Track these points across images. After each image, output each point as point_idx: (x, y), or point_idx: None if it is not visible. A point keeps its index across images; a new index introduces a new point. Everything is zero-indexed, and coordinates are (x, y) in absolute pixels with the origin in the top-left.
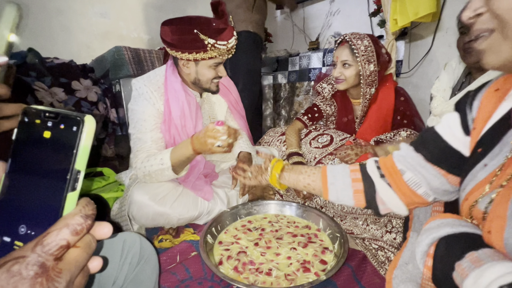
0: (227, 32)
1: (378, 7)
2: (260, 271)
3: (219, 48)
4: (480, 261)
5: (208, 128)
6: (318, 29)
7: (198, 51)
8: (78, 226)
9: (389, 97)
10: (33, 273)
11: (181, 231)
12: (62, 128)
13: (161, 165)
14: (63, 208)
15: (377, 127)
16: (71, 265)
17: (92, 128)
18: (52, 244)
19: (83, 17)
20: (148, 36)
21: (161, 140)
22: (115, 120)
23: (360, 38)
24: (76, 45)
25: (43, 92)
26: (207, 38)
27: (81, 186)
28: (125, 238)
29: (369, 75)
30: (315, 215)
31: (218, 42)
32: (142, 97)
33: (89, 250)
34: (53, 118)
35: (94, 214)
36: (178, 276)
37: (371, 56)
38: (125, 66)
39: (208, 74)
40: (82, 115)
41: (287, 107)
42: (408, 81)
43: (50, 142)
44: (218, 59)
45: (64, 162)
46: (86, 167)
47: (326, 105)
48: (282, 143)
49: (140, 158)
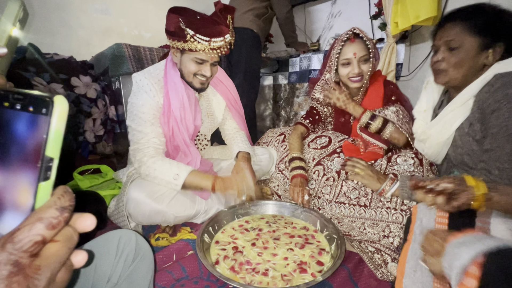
0: (214, 29)
1: (379, 10)
2: (256, 271)
3: (200, 42)
4: None
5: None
6: (319, 30)
7: (179, 39)
8: (54, 220)
9: (378, 89)
10: (6, 272)
11: (178, 230)
12: (31, 110)
13: (174, 180)
14: (35, 200)
15: None
16: (50, 261)
17: (64, 110)
18: (24, 241)
19: (83, 13)
20: (149, 33)
21: (162, 135)
22: (114, 118)
23: (362, 32)
24: (76, 41)
25: (42, 88)
26: (186, 28)
27: (55, 175)
28: (121, 235)
29: (374, 69)
30: (312, 216)
31: (197, 35)
32: (142, 90)
33: (70, 244)
34: (21, 100)
35: (72, 205)
36: (174, 275)
37: (376, 49)
38: (125, 63)
39: (189, 66)
40: (52, 95)
41: (287, 108)
42: (407, 84)
43: (19, 126)
44: (201, 55)
45: (34, 149)
46: (85, 163)
47: (323, 107)
48: (280, 143)
49: (148, 155)
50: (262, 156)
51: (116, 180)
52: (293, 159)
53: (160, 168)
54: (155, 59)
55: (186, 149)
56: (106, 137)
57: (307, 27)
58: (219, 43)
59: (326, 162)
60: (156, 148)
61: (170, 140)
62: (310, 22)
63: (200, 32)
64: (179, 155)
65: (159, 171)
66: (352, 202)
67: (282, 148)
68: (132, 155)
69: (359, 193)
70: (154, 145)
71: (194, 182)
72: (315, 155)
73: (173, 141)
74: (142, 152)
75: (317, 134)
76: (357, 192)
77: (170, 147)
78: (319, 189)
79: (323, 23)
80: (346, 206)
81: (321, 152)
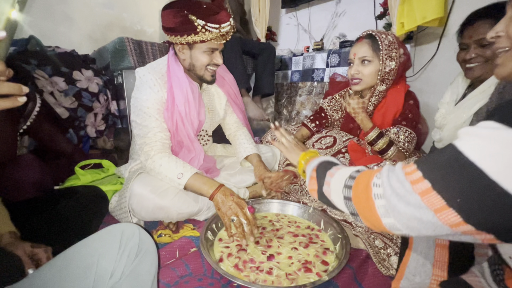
0: (220, 15)
1: (384, 10)
2: (261, 269)
3: (211, 31)
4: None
5: (241, 203)
6: (323, 29)
7: (189, 33)
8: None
9: (398, 100)
10: None
11: (180, 227)
12: None
13: (178, 178)
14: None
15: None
16: None
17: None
18: None
19: (86, 7)
20: (151, 29)
21: (167, 130)
22: (116, 113)
23: (385, 33)
24: (78, 35)
25: (44, 81)
26: (197, 19)
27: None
28: (123, 230)
29: (388, 72)
30: (316, 215)
31: (208, 24)
32: (146, 85)
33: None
34: None
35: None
36: (177, 271)
37: (395, 52)
38: (127, 57)
39: (202, 59)
40: None
41: (289, 107)
42: (412, 85)
43: None
44: (212, 44)
45: None
46: (86, 158)
47: (333, 111)
48: None
49: (155, 149)
50: (266, 154)
51: (117, 176)
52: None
53: (166, 164)
54: (157, 54)
55: (190, 144)
56: (108, 132)
57: (311, 26)
58: (227, 28)
59: None
60: (163, 143)
61: (174, 135)
62: (314, 21)
63: (210, 21)
64: (183, 151)
65: (164, 168)
66: None
67: None
68: (139, 149)
69: None
70: (161, 139)
71: (195, 187)
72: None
73: (177, 136)
74: (149, 146)
75: (322, 135)
76: None
77: (173, 142)
78: None
79: (327, 22)
80: None
81: (326, 152)
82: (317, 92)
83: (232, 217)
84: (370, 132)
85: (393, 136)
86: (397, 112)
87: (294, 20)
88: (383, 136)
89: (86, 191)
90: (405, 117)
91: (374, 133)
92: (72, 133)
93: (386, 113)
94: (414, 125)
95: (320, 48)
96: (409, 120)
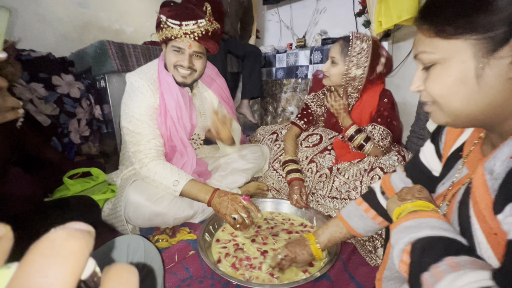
0: (185, 12)
1: (363, 7)
2: (253, 266)
3: (172, 27)
4: (459, 267)
5: (235, 198)
6: (305, 26)
7: (158, 29)
8: None
9: (373, 99)
10: None
11: (177, 231)
12: None
13: (173, 186)
14: None
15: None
16: None
17: None
18: None
19: (60, 7)
20: (131, 28)
21: (160, 136)
22: (100, 117)
23: (360, 39)
24: (53, 36)
25: (21, 87)
26: (160, 14)
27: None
28: (129, 243)
29: (353, 78)
30: (309, 213)
31: (169, 20)
32: (138, 91)
33: None
34: None
35: None
36: (178, 275)
37: (363, 61)
38: (109, 61)
39: (170, 58)
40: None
41: (274, 104)
42: (390, 81)
43: None
44: (177, 43)
45: None
46: (72, 166)
47: (316, 106)
48: (273, 142)
49: (149, 156)
50: (255, 154)
51: (108, 183)
52: (287, 162)
53: (161, 172)
54: (140, 56)
55: (183, 149)
56: (93, 137)
57: (293, 22)
58: (191, 26)
59: (318, 159)
60: (157, 150)
61: (168, 141)
62: (296, 17)
63: (171, 17)
64: (175, 156)
65: (159, 175)
66: (343, 196)
67: (276, 147)
68: (132, 156)
69: (349, 187)
70: (155, 146)
71: (191, 193)
72: (308, 153)
73: (171, 142)
74: (143, 153)
75: (309, 133)
76: (347, 186)
77: (167, 147)
78: (313, 185)
79: (309, 19)
80: (339, 201)
81: (313, 149)
82: (301, 89)
83: (233, 215)
84: (349, 128)
85: (369, 133)
86: (373, 110)
87: (276, 17)
88: (360, 132)
89: (77, 201)
90: (380, 115)
91: (352, 129)
92: (56, 141)
93: (362, 112)
94: (389, 122)
95: (302, 46)
96: (384, 117)
